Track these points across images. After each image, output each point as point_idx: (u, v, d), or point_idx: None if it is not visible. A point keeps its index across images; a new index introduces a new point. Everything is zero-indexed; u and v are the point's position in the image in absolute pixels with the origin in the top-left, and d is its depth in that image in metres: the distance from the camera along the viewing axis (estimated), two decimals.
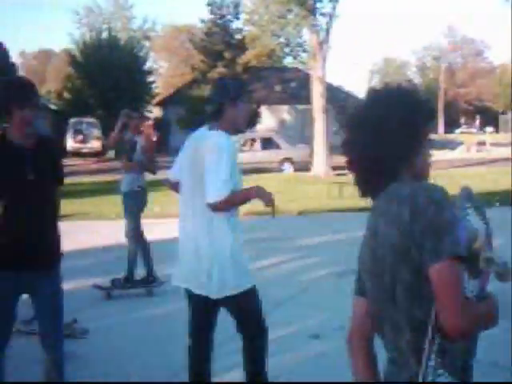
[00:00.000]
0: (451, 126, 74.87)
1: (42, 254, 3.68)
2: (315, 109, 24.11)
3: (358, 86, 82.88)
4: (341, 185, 16.64)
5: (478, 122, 73.48)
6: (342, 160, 2.06)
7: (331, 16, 23.37)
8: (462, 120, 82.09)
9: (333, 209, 14.35)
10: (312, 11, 22.89)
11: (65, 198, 4.92)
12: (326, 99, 24.11)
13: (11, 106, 3.53)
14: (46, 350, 3.77)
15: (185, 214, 3.90)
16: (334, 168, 23.77)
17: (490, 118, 74.25)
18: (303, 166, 25.20)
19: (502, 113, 75.90)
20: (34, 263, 3.66)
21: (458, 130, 73.87)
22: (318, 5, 23.04)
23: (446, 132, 70.30)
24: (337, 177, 21.90)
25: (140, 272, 7.47)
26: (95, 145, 36.59)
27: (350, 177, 2.00)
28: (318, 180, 21.83)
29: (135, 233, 7.28)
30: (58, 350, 3.81)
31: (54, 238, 3.81)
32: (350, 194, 16.04)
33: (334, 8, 23.27)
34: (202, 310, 3.93)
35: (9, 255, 3.65)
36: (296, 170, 25.42)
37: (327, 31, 23.54)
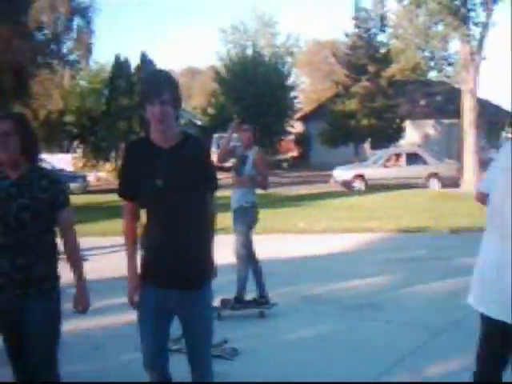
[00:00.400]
0: None
1: (188, 269, 3.37)
2: (465, 123, 23.00)
3: (506, 100, 78.84)
4: None
5: None
6: None
7: (485, 25, 22.22)
8: None
9: None
10: (464, 21, 21.88)
11: None
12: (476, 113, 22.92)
13: (144, 102, 3.30)
14: (193, 369, 3.53)
15: (491, 227, 3.51)
16: None
17: None
18: (451, 182, 24.16)
19: None
20: (180, 280, 3.37)
21: None
22: (472, 14, 22.02)
23: None
24: None
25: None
26: None
27: None
28: (468, 197, 20.71)
29: (246, 252, 6.89)
30: (206, 370, 3.55)
31: (204, 251, 3.49)
32: None
33: (488, 17, 22.12)
34: (499, 338, 3.50)
35: (153, 270, 3.41)
36: (443, 186, 24.40)
37: (480, 41, 22.39)
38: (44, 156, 32.99)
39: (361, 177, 25.23)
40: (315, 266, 9.61)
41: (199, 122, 48.25)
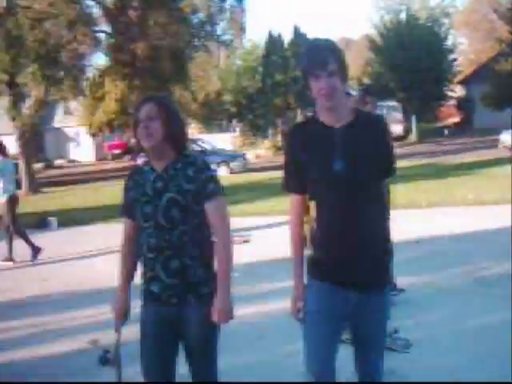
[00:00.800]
0: None
1: (372, 269, 2.93)
2: None
3: None
4: None
5: None
6: None
7: None
8: None
9: None
10: None
11: None
12: None
13: (307, 76, 2.86)
14: (359, 364, 3.16)
15: None
16: None
17: None
18: None
19: None
20: (361, 280, 2.92)
21: None
22: None
23: None
24: None
25: None
26: (396, 129, 36.23)
27: None
28: None
29: None
30: (375, 366, 3.15)
31: (386, 249, 3.02)
32: None
33: None
34: None
35: (329, 268, 2.96)
36: None
37: None
38: (204, 136, 34.00)
39: None
40: (487, 243, 8.87)
41: (354, 93, 47.49)
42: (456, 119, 47.46)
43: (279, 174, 3.15)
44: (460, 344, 5.13)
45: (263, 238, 10.36)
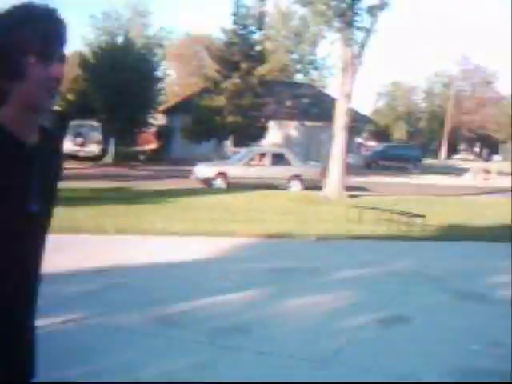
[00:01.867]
0: (450, 151, 77.68)
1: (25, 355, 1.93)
2: (337, 126, 22.21)
3: (364, 107, 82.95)
4: (361, 209, 15.11)
5: (477, 149, 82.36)
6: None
7: (369, 31, 21.87)
8: (462, 146, 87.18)
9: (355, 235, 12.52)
10: (350, 24, 21.44)
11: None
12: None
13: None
14: None
15: None
16: (347, 189, 22.58)
17: (491, 146, 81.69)
18: (313, 185, 24.04)
19: (503, 142, 79.83)
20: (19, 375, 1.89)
21: (457, 156, 78.22)
22: (356, 18, 21.63)
23: (446, 157, 73.71)
24: (351, 198, 20.92)
25: None
26: (94, 149, 36.41)
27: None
28: (330, 200, 20.42)
29: None
30: None
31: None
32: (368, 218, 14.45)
33: (373, 23, 21.80)
34: None
35: None
36: (306, 188, 24.44)
37: (362, 46, 22.01)
38: None
39: (223, 174, 24.30)
40: (170, 277, 8.23)
41: (57, 108, 45.57)
42: (153, 146, 48.11)
43: None
44: None
45: None
